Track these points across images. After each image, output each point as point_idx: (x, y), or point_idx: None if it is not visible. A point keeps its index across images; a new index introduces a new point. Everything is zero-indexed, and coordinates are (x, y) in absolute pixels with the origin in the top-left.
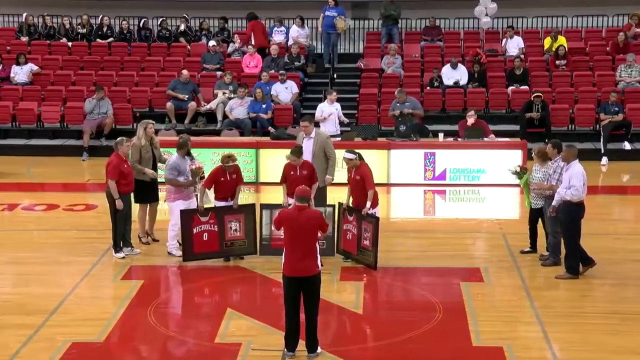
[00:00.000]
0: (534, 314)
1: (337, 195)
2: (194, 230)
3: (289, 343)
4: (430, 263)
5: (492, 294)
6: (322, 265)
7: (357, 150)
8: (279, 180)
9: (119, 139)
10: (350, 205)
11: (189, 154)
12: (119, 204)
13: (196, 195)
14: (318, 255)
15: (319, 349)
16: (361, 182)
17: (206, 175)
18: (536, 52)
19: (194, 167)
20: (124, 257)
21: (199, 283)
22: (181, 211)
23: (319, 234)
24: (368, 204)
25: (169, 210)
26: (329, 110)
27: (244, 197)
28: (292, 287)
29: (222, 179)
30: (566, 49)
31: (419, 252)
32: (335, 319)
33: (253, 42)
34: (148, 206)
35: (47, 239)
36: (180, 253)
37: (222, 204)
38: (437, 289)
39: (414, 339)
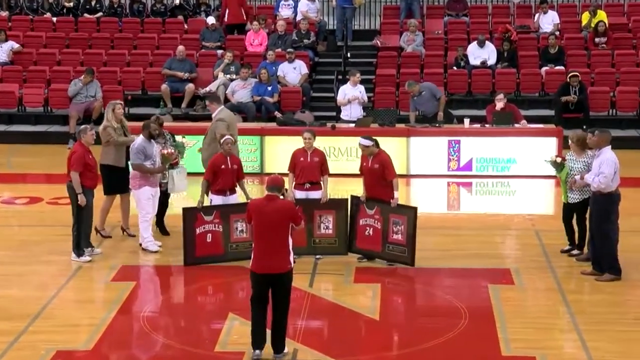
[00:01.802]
0: (571, 321)
1: (349, 188)
2: (197, 231)
3: (255, 342)
4: (455, 263)
5: (523, 297)
6: (294, 262)
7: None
8: (287, 169)
9: (82, 126)
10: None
11: (152, 137)
12: (82, 199)
13: (164, 183)
14: (290, 251)
15: (286, 349)
16: (379, 171)
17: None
18: (573, 29)
19: (165, 152)
20: (90, 260)
21: (197, 285)
22: (184, 209)
23: (293, 227)
24: (396, 194)
25: (135, 199)
26: (353, 94)
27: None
28: (260, 285)
29: (222, 166)
30: (606, 25)
31: (442, 251)
32: (348, 326)
33: (226, 19)
34: (119, 198)
35: (29, 236)
36: (157, 247)
37: (220, 198)
38: (462, 292)
39: (436, 348)
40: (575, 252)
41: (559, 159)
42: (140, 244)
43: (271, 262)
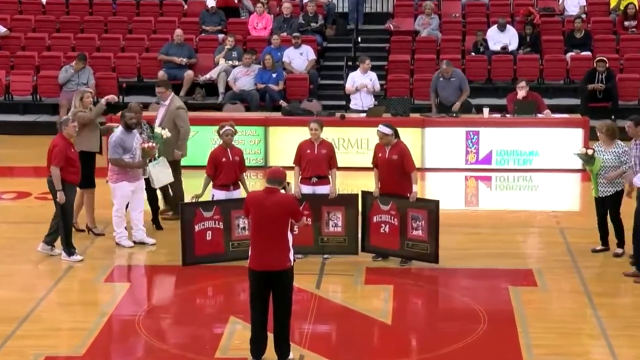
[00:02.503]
0: (598, 325)
1: (359, 182)
2: (196, 228)
3: (255, 350)
4: (473, 263)
5: (547, 300)
6: (294, 260)
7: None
8: (292, 162)
9: (64, 117)
10: (380, 191)
11: (129, 127)
12: (61, 197)
13: (146, 179)
14: (290, 248)
15: (291, 355)
16: (398, 163)
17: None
18: (600, 11)
19: (146, 145)
20: (82, 260)
21: (196, 286)
22: (181, 205)
23: (293, 223)
24: (414, 187)
25: (111, 193)
26: (362, 81)
27: (250, 184)
28: (258, 283)
29: (223, 159)
30: (637, 8)
31: (459, 251)
32: (358, 330)
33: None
34: (83, 194)
35: (16, 233)
36: (131, 243)
37: (223, 193)
38: (481, 295)
39: (453, 355)
40: (619, 250)
41: (590, 151)
42: (118, 243)
43: (269, 259)
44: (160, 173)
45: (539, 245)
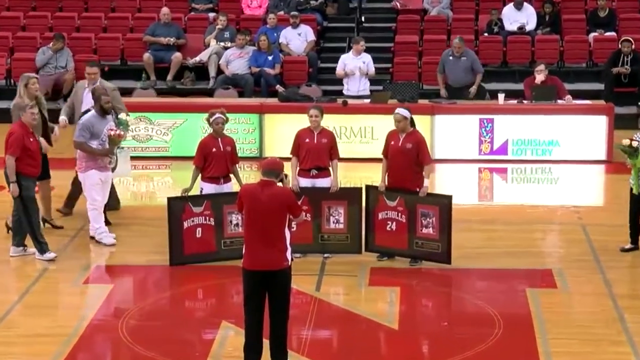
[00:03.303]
0: (623, 331)
1: (363, 175)
2: (185, 225)
3: (249, 358)
4: (487, 263)
5: (568, 303)
6: (292, 259)
7: None
8: (289, 152)
9: (21, 103)
10: (387, 185)
11: (105, 112)
12: (14, 189)
13: (113, 168)
14: (288, 246)
15: None
16: (412, 153)
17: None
18: None
19: (112, 133)
20: (55, 258)
21: (185, 288)
22: (169, 199)
23: (290, 219)
24: (426, 181)
25: (82, 184)
26: (354, 64)
27: (244, 177)
28: (253, 284)
29: (213, 149)
30: None
31: (472, 249)
32: (362, 336)
33: None
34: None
35: None
36: (113, 240)
37: (212, 186)
38: (496, 297)
39: None
40: None
41: (635, 143)
42: (93, 237)
43: (265, 258)
44: (124, 164)
45: (559, 243)
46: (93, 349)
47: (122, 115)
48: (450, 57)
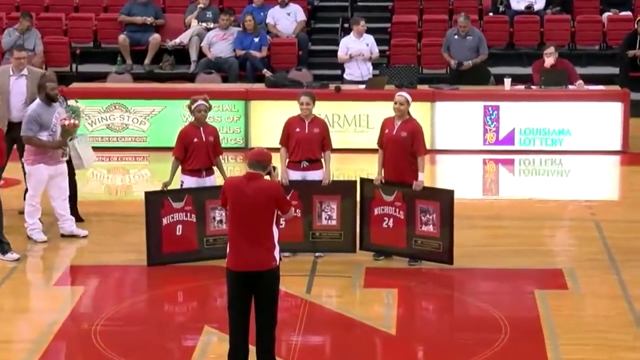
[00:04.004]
0: None
1: (357, 167)
2: (164, 221)
3: None
4: (492, 262)
5: (579, 306)
6: (281, 259)
7: None
8: (278, 143)
9: None
10: (383, 178)
11: (51, 99)
12: None
13: (68, 162)
14: (276, 244)
15: None
16: (407, 142)
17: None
18: None
19: (67, 123)
20: (19, 259)
21: (163, 290)
22: (146, 194)
23: (279, 215)
24: (421, 175)
25: (27, 176)
26: (357, 47)
27: (228, 169)
28: (237, 286)
29: (194, 139)
30: None
31: (476, 248)
32: (357, 342)
33: None
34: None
35: None
36: (44, 237)
37: (194, 180)
38: (502, 300)
39: None
40: None
41: None
42: (64, 235)
43: (251, 257)
44: (87, 151)
45: (570, 240)
46: (63, 358)
47: (72, 102)
48: (455, 36)
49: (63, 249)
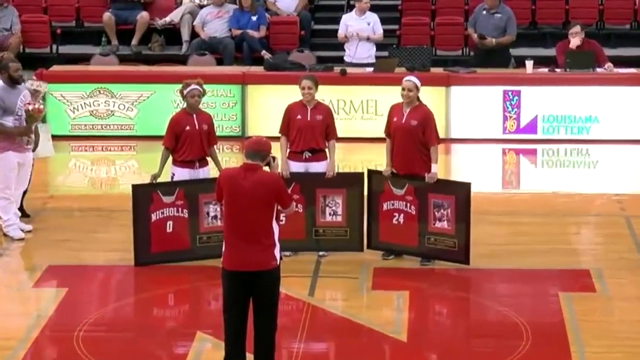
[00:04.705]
0: None
1: (365, 157)
2: (153, 217)
3: None
4: (512, 262)
5: (608, 311)
6: (281, 258)
7: None
8: (277, 131)
9: None
10: (394, 170)
11: (15, 82)
12: None
13: (34, 149)
14: (276, 242)
15: None
16: (418, 131)
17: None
18: None
19: (31, 107)
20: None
21: (153, 292)
22: (134, 187)
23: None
24: (434, 166)
25: None
26: (358, 27)
27: (224, 160)
28: (234, 288)
29: (187, 127)
30: None
31: (494, 246)
32: (364, 350)
33: None
34: None
35: None
36: (21, 234)
37: (186, 171)
38: (523, 303)
39: None
40: None
41: None
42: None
43: (248, 256)
44: (44, 141)
45: (598, 238)
46: None
47: (29, 83)
48: (484, 12)
49: (42, 247)
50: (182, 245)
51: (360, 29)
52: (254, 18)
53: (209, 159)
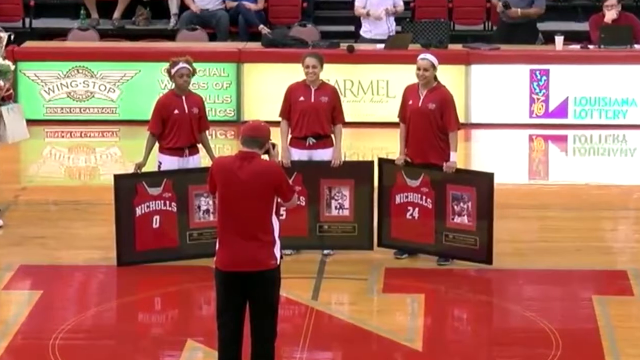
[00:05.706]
0: None
1: (375, 145)
2: (137, 212)
3: None
4: (540, 262)
5: None
6: (282, 257)
7: None
8: (277, 115)
9: None
10: (408, 159)
11: None
12: None
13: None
14: (276, 239)
15: None
16: (437, 115)
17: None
18: None
19: None
20: None
21: (137, 295)
22: (116, 177)
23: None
24: (453, 155)
25: None
26: (377, 1)
27: (217, 147)
28: (230, 291)
29: (175, 111)
30: None
31: (520, 244)
32: (374, 359)
33: None
34: None
35: None
36: None
37: (174, 160)
38: (553, 307)
39: None
40: None
41: None
42: None
43: (244, 255)
44: (15, 122)
45: (636, 236)
46: None
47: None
48: None
49: (14, 244)
50: (170, 243)
51: (379, 4)
52: None
53: (199, 146)
